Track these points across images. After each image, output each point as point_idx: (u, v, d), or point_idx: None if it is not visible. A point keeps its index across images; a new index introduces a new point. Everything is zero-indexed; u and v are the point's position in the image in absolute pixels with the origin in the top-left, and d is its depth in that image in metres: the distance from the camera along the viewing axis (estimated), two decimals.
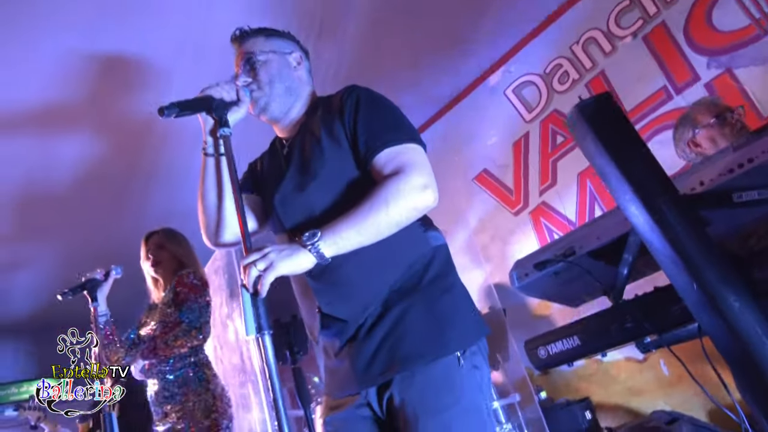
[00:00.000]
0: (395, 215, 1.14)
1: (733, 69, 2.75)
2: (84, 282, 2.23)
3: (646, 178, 1.26)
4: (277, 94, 1.38)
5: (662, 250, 1.26)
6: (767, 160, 1.22)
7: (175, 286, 2.40)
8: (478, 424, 1.14)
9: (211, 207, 1.38)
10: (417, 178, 1.17)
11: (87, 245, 4.44)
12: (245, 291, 1.05)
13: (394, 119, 1.28)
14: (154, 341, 2.32)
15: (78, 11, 2.50)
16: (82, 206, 4.04)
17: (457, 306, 1.23)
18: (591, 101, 1.28)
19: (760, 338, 1.18)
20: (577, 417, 2.89)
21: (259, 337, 1.04)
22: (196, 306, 2.36)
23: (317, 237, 1.09)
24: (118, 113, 3.24)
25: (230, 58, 1.49)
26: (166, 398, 2.31)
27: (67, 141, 3.34)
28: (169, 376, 2.33)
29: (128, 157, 3.69)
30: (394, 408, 1.15)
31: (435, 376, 1.13)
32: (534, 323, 3.50)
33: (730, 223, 1.45)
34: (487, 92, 4.02)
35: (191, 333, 2.32)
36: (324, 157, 1.26)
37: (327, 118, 1.32)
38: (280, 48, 1.44)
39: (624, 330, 1.56)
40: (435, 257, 1.26)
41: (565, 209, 3.48)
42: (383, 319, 1.17)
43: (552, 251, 1.61)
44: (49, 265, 4.71)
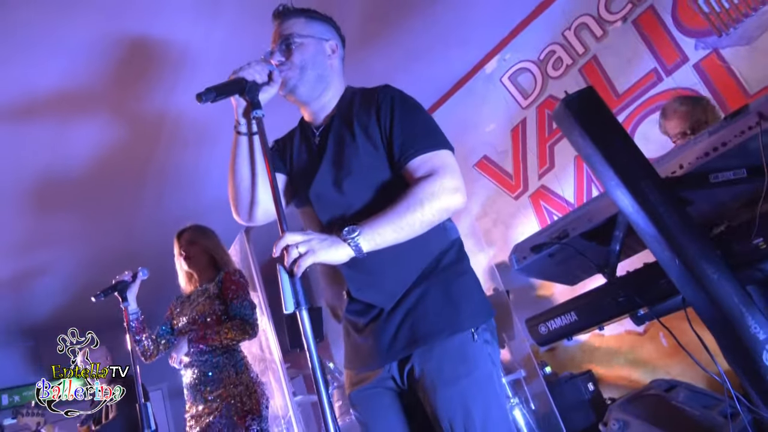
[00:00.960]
0: (429, 215, 1.22)
1: (720, 49, 2.84)
2: (114, 284, 2.36)
3: (629, 164, 1.38)
4: (307, 80, 1.40)
5: (646, 230, 1.38)
6: (739, 143, 1.34)
7: (224, 281, 2.52)
8: (490, 391, 1.26)
9: (244, 184, 1.42)
10: (449, 181, 1.26)
11: (102, 250, 4.57)
12: (282, 269, 1.08)
13: (427, 125, 1.35)
14: (204, 330, 2.43)
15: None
16: (96, 210, 4.15)
17: (470, 289, 1.34)
18: (576, 96, 1.40)
19: (738, 307, 1.31)
20: (581, 389, 3.02)
21: (296, 311, 1.08)
22: (248, 303, 2.50)
23: (357, 233, 1.16)
24: (134, 111, 3.29)
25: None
26: (205, 384, 2.42)
27: (82, 136, 3.36)
28: (210, 363, 2.44)
29: (140, 158, 3.76)
30: (414, 379, 1.26)
31: (452, 349, 1.24)
32: (537, 303, 3.63)
33: (711, 202, 1.56)
34: (483, 80, 4.11)
35: (245, 328, 2.45)
36: (359, 153, 1.33)
37: (362, 115, 1.38)
38: (319, 33, 1.45)
39: (617, 304, 1.68)
40: (452, 247, 1.36)
41: (564, 191, 3.59)
42: (404, 300, 1.28)
43: (547, 234, 1.74)
44: (65, 270, 4.83)
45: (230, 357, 2.46)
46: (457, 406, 1.21)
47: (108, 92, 3.09)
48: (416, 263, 1.30)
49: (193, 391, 2.44)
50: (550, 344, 2.12)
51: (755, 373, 1.28)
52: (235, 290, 2.50)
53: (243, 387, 2.41)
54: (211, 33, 2.95)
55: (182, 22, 2.82)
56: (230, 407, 2.35)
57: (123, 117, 3.34)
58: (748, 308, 1.28)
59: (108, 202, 4.12)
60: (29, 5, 2.43)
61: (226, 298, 2.49)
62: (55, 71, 2.84)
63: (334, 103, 1.47)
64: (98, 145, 3.48)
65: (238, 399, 2.37)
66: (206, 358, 2.45)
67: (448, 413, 1.21)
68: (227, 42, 3.00)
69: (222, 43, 3.00)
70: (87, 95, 3.05)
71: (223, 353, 2.46)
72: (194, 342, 2.42)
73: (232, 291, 2.49)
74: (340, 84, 1.50)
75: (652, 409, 2.25)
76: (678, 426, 2.10)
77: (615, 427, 2.17)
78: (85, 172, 3.68)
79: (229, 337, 2.42)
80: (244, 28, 2.90)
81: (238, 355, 2.51)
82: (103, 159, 3.61)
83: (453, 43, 3.79)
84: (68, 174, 3.65)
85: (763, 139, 1.26)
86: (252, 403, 2.39)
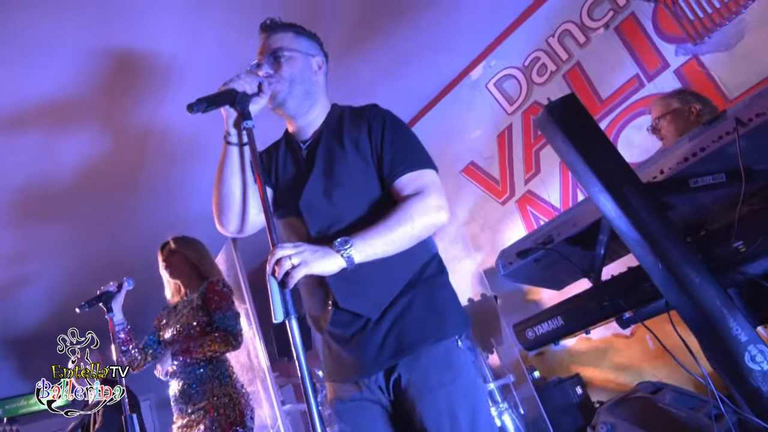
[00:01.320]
0: (418, 230, 1.29)
1: (700, 55, 2.89)
2: (99, 295, 2.35)
3: (611, 170, 1.40)
4: (296, 94, 1.44)
5: (629, 234, 1.40)
6: (718, 148, 1.36)
7: (206, 292, 2.51)
8: (476, 396, 1.30)
9: (233, 195, 1.42)
10: (435, 200, 1.33)
11: (89, 259, 4.53)
12: (273, 279, 1.10)
13: (416, 145, 1.43)
14: (188, 342, 2.42)
15: (89, 8, 2.50)
16: (82, 221, 4.11)
17: (451, 300, 1.40)
18: (558, 103, 1.41)
19: (720, 309, 1.32)
20: (569, 393, 3.04)
21: (286, 321, 1.10)
22: (231, 314, 2.50)
23: (349, 244, 1.20)
24: (121, 123, 3.29)
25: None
26: (190, 395, 2.42)
27: (70, 147, 3.35)
28: (193, 375, 2.44)
29: (128, 170, 3.75)
30: (400, 389, 1.29)
31: (437, 356, 1.29)
32: (526, 308, 3.64)
33: (692, 206, 1.58)
34: (469, 87, 4.14)
35: (228, 340, 2.44)
36: (349, 166, 1.38)
37: (353, 130, 1.43)
38: (306, 49, 1.49)
39: (602, 308, 1.70)
40: (433, 259, 1.42)
41: (550, 196, 3.62)
42: (390, 310, 1.31)
43: (532, 240, 1.75)
44: (52, 281, 4.79)
45: (215, 368, 2.46)
46: (444, 412, 1.23)
47: (96, 103, 3.09)
48: (401, 274, 1.34)
49: (179, 403, 2.44)
50: (537, 349, 2.13)
51: (738, 375, 1.30)
52: (218, 301, 2.49)
53: (227, 398, 2.40)
54: (197, 47, 2.96)
55: (168, 36, 2.82)
56: (214, 419, 2.34)
57: (111, 128, 3.34)
58: (730, 310, 1.30)
59: (95, 211, 4.09)
60: (20, 12, 2.42)
61: (209, 309, 2.48)
62: (44, 81, 2.84)
63: (321, 119, 1.50)
64: (86, 155, 3.47)
65: (222, 411, 2.37)
66: (190, 369, 2.44)
67: (435, 419, 1.23)
68: (213, 56, 3.01)
69: (208, 57, 3.01)
70: (75, 106, 3.05)
71: (207, 365, 2.45)
72: (178, 355, 2.41)
73: (215, 302, 2.48)
74: (326, 100, 1.54)
75: (639, 411, 2.27)
76: (664, 428, 2.12)
77: (603, 431, 2.18)
78: (72, 182, 3.66)
79: (213, 349, 2.41)
80: (230, 44, 2.92)
81: (222, 366, 2.50)
82: (91, 169, 3.59)
83: (439, 50, 3.82)
84: (55, 183, 3.62)
85: (741, 144, 1.29)
86: (236, 415, 2.38)
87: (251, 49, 1.53)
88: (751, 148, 1.33)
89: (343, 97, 1.64)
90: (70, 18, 2.52)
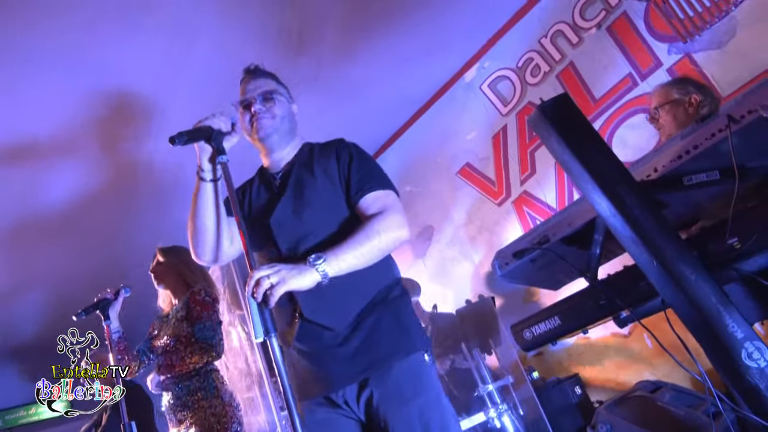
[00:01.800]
0: (384, 244, 1.39)
1: (693, 54, 2.90)
2: (96, 302, 2.36)
3: (605, 168, 1.39)
4: (282, 130, 1.59)
5: (624, 233, 1.39)
6: (711, 146, 1.36)
7: (189, 302, 2.51)
8: (443, 406, 1.37)
9: (204, 229, 1.53)
10: (399, 217, 1.46)
11: (85, 270, 4.52)
12: (253, 300, 1.17)
13: (380, 170, 1.58)
14: (171, 357, 2.44)
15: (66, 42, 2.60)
16: (76, 232, 4.12)
17: (415, 319, 1.50)
18: (551, 103, 1.41)
19: (716, 306, 1.32)
20: (568, 393, 3.03)
21: (266, 340, 1.15)
22: (210, 324, 2.49)
23: (322, 259, 1.27)
24: (107, 144, 3.36)
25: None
26: (179, 407, 2.43)
27: (60, 178, 3.47)
28: (181, 386, 2.45)
29: (117, 185, 3.79)
30: (371, 406, 1.33)
31: (408, 370, 1.36)
32: (524, 308, 3.64)
33: (687, 204, 1.58)
34: (463, 88, 4.15)
35: (208, 350, 2.44)
36: (318, 189, 1.50)
37: (322, 159, 1.57)
38: (287, 95, 1.68)
39: (599, 307, 1.70)
40: (398, 283, 1.53)
41: (546, 196, 3.62)
42: (359, 328, 1.38)
43: (528, 240, 1.75)
44: (51, 290, 4.78)
45: (202, 380, 2.46)
46: (417, 423, 1.28)
47: (86, 138, 3.22)
48: (367, 290, 1.43)
49: (170, 415, 2.48)
50: (535, 349, 2.14)
51: (735, 372, 1.29)
52: (199, 311, 2.49)
53: (213, 410, 2.41)
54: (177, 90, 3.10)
55: (150, 77, 2.99)
56: (202, 430, 2.35)
57: (105, 157, 3.46)
58: (726, 308, 1.29)
59: (92, 224, 4.11)
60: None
61: (191, 319, 2.48)
62: (35, 120, 2.98)
63: (293, 154, 1.64)
64: (77, 184, 3.56)
65: (207, 423, 2.37)
66: (179, 381, 2.46)
67: (409, 430, 1.29)
68: (193, 96, 3.15)
69: (188, 96, 3.15)
70: (67, 141, 3.18)
71: (194, 377, 2.46)
72: (163, 370, 2.44)
73: (196, 312, 2.49)
74: (299, 139, 1.70)
75: (639, 410, 2.27)
76: (663, 426, 2.12)
77: (602, 430, 2.17)
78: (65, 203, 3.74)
79: (194, 362, 2.43)
80: (209, 86, 3.02)
81: (210, 377, 2.49)
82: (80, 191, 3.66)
83: (432, 52, 3.83)
84: (47, 209, 3.71)
85: (733, 141, 1.29)
86: (221, 427, 2.39)
87: (228, 93, 1.72)
88: (744, 144, 1.33)
89: (337, 101, 1.72)
90: (60, 63, 2.66)
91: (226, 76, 3.17)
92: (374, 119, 4.35)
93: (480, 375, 3.09)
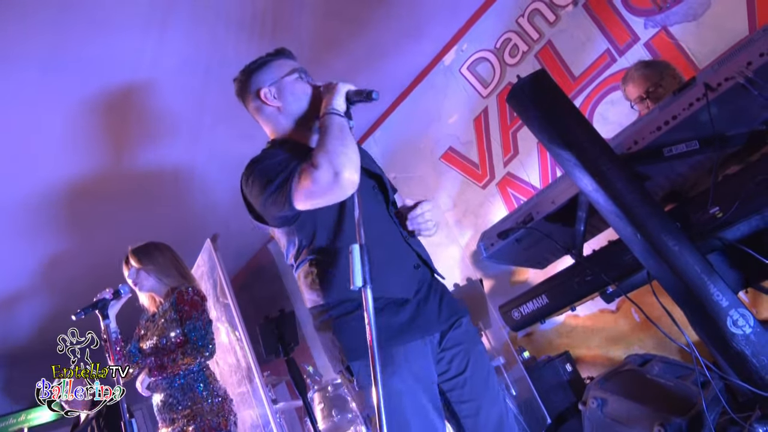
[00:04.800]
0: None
1: (668, 27, 2.89)
2: (95, 302, 2.30)
3: (585, 143, 1.38)
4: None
5: (607, 207, 1.39)
6: (689, 115, 1.36)
7: (177, 302, 2.47)
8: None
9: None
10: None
11: (79, 273, 4.47)
12: (357, 248, 1.18)
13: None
14: (161, 359, 2.41)
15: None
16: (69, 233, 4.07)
17: None
18: (528, 79, 1.39)
19: (700, 276, 1.32)
20: (559, 371, 3.06)
21: (363, 289, 1.16)
22: (200, 323, 2.45)
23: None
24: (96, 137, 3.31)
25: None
26: (172, 405, 2.41)
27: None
28: (174, 385, 2.43)
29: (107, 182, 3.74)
30: (448, 345, 1.50)
31: (469, 324, 1.58)
32: (512, 289, 3.65)
33: (668, 175, 1.58)
34: (443, 72, 4.11)
35: (200, 350, 2.41)
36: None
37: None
38: None
39: (585, 283, 1.70)
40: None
41: (529, 177, 3.62)
42: (435, 286, 1.55)
43: (513, 220, 1.74)
44: (42, 297, 4.72)
45: (195, 377, 2.44)
46: (487, 359, 1.55)
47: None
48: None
49: (162, 413, 2.45)
50: (525, 329, 2.13)
51: (721, 340, 1.30)
52: (188, 311, 2.46)
53: (209, 405, 2.40)
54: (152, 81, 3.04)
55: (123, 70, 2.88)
56: (198, 426, 2.34)
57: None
58: (710, 277, 1.30)
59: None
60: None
61: (181, 320, 2.45)
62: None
63: None
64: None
65: (204, 418, 2.36)
66: (170, 381, 2.44)
67: (485, 363, 1.53)
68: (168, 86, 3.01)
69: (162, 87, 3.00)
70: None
71: (186, 375, 2.44)
72: (153, 371, 2.42)
73: (185, 312, 2.46)
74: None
75: (629, 384, 2.28)
76: (654, 398, 2.13)
77: (594, 406, 2.18)
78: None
79: (186, 362, 2.41)
80: (182, 75, 2.88)
81: (202, 374, 2.48)
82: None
83: (410, 37, 3.78)
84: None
85: (711, 110, 1.28)
86: (219, 421, 2.38)
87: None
88: (723, 113, 1.33)
89: None
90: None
91: (199, 65, 3.20)
92: (355, 107, 4.30)
93: None
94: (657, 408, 1.70)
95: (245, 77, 1.61)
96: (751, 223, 1.34)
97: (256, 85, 1.58)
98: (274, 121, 1.58)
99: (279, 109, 1.57)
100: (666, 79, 2.33)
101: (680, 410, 1.61)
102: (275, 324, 3.31)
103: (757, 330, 1.25)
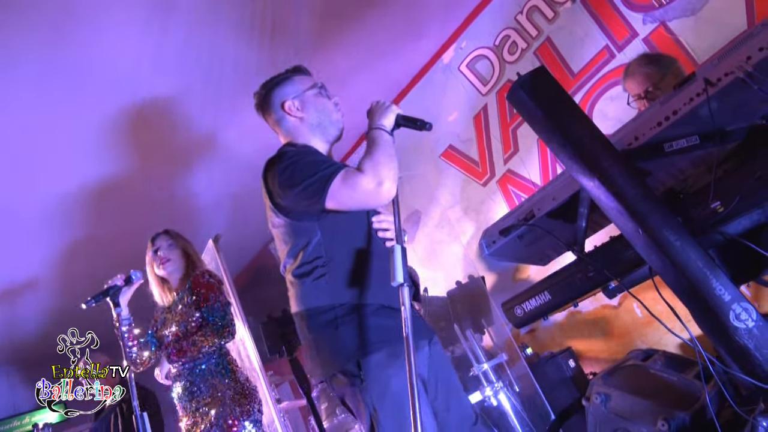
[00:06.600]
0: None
1: (667, 22, 2.90)
2: (106, 289, 2.25)
3: (586, 139, 1.39)
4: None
5: (608, 203, 1.39)
6: (689, 111, 1.36)
7: (193, 287, 2.46)
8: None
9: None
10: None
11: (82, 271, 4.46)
12: (398, 246, 1.26)
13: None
14: (181, 343, 2.37)
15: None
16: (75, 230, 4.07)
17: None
18: (528, 77, 1.40)
19: (702, 271, 1.33)
20: (562, 367, 3.06)
21: (400, 287, 1.23)
22: (219, 305, 2.43)
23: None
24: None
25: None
26: (194, 393, 2.36)
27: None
28: (196, 372, 2.39)
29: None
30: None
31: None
32: (514, 286, 3.66)
33: (669, 170, 1.58)
34: (442, 70, 4.12)
35: (220, 332, 2.37)
36: None
37: None
38: None
39: (588, 279, 1.70)
40: None
41: (530, 173, 3.63)
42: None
43: (514, 217, 1.74)
44: (42, 299, 4.72)
45: (217, 363, 2.41)
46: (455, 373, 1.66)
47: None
48: None
49: (183, 401, 2.39)
50: (527, 326, 2.14)
51: (724, 334, 1.30)
52: (205, 293, 2.44)
53: (232, 391, 2.36)
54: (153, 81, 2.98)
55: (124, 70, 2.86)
56: (220, 414, 2.30)
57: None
58: (712, 271, 1.30)
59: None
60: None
61: (199, 303, 2.43)
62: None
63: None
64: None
65: (229, 402, 2.32)
66: (192, 367, 2.39)
67: (454, 377, 1.64)
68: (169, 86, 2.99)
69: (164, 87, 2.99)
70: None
71: (209, 360, 2.41)
72: (173, 356, 2.36)
73: (202, 295, 2.43)
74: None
75: (632, 379, 2.28)
76: (657, 393, 2.14)
77: (597, 401, 2.19)
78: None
79: (207, 344, 2.36)
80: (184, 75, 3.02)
81: (224, 360, 2.45)
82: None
83: (409, 36, 3.79)
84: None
85: (711, 105, 1.29)
86: (243, 407, 2.34)
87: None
88: (723, 108, 1.33)
89: None
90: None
91: (200, 65, 3.19)
92: (354, 107, 4.30)
93: (474, 355, 3.11)
94: (660, 403, 1.70)
95: (267, 91, 1.75)
96: (752, 217, 1.34)
97: (280, 98, 1.72)
98: (295, 131, 1.72)
99: (301, 120, 1.71)
100: (667, 78, 2.33)
101: (684, 405, 1.61)
102: (278, 324, 3.32)
103: (759, 324, 1.25)
